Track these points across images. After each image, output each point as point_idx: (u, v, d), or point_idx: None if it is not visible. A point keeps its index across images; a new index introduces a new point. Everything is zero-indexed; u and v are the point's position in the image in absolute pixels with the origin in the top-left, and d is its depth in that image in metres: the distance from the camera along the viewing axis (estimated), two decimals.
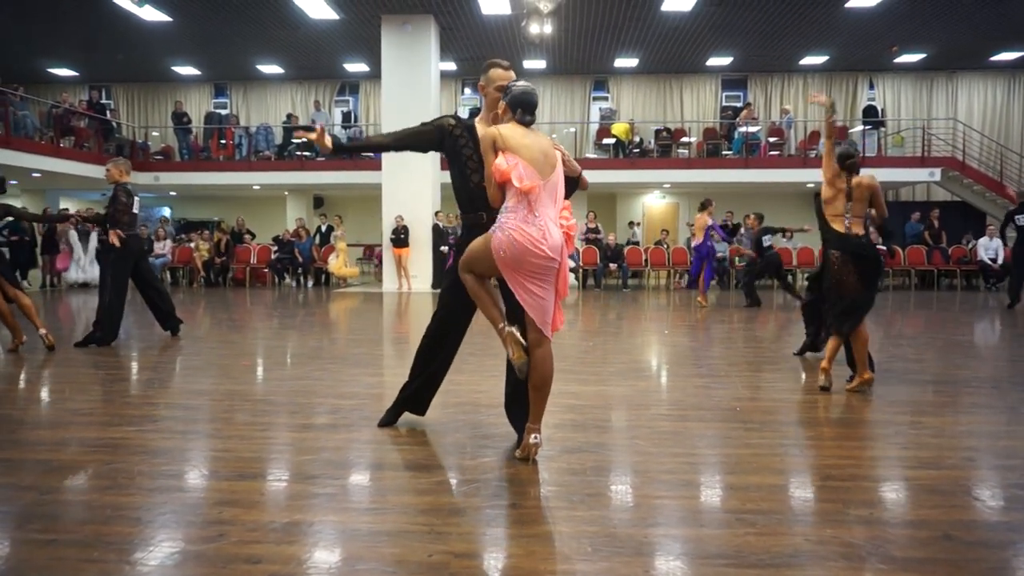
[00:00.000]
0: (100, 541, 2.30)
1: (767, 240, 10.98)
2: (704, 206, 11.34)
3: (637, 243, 16.64)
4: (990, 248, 13.99)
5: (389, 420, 3.70)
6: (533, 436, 3.07)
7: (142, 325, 7.73)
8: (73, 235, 13.94)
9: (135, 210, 6.66)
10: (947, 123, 17.50)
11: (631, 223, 18.18)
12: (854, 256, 4.61)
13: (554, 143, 3.21)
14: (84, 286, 13.76)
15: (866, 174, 4.77)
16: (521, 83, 3.17)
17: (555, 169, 3.08)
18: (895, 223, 16.70)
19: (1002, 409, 4.23)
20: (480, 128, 3.28)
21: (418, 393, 3.63)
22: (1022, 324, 9.11)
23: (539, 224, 2.94)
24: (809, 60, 17.10)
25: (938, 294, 10.49)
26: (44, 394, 4.77)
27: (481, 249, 3.05)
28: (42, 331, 6.11)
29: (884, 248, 14.62)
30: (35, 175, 14.93)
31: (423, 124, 3.41)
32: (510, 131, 3.05)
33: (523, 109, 3.11)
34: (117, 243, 6.39)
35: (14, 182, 17.29)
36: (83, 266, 13.87)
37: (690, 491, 2.85)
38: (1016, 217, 10.20)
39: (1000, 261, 13.91)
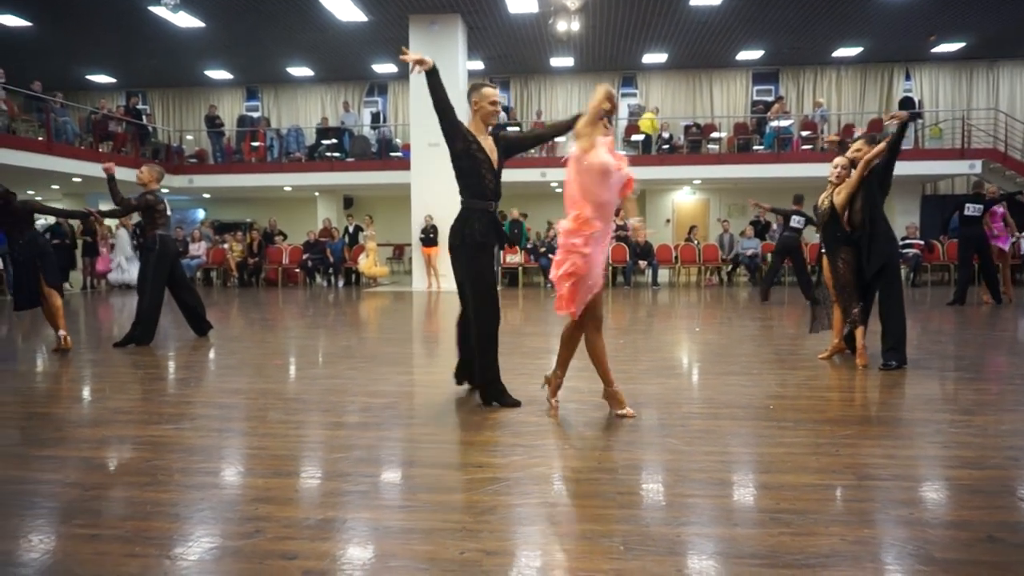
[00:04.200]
0: (141, 536, 2.36)
1: (796, 221, 10.41)
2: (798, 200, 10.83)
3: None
4: None
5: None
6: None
7: (179, 325, 7.90)
8: (122, 235, 14.32)
9: (168, 212, 6.86)
10: (988, 114, 17.01)
11: (667, 220, 18.02)
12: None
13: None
14: (125, 287, 14.12)
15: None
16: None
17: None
18: (935, 216, 16.31)
19: None
20: (480, 137, 4.04)
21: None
22: None
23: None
24: (842, 52, 16.76)
25: (978, 288, 10.19)
26: (86, 393, 4.90)
27: None
28: (61, 332, 6.24)
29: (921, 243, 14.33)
30: (76, 180, 15.35)
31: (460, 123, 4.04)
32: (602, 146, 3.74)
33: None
34: (96, 224, 6.52)
35: (55, 187, 17.82)
36: (124, 268, 14.23)
37: (723, 490, 2.82)
38: (967, 206, 9.76)
39: None
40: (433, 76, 3.92)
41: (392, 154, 17.17)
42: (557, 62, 17.45)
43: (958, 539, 2.31)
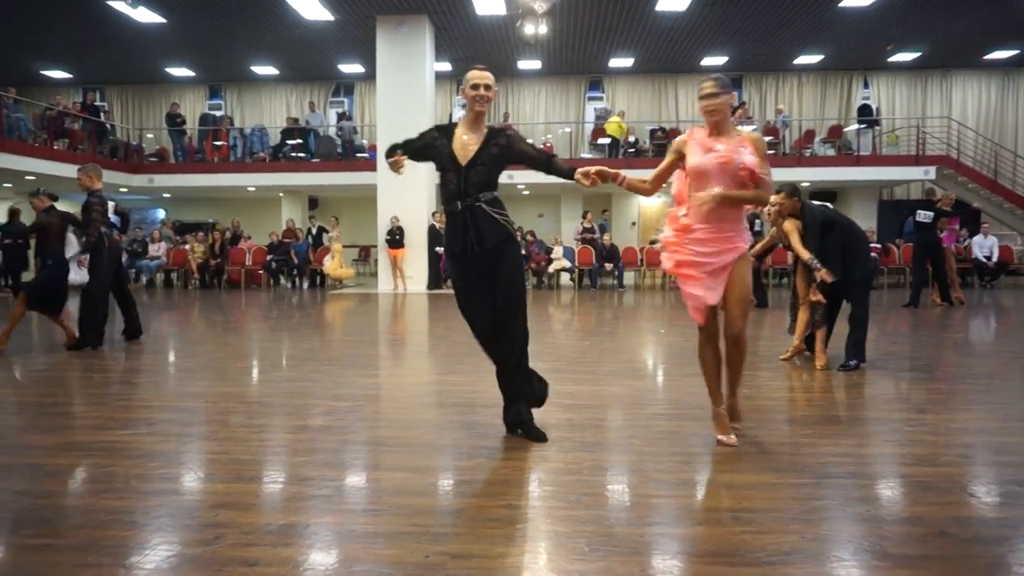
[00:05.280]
0: (95, 545, 2.29)
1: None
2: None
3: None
4: (984, 246, 14.04)
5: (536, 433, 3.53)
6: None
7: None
8: (72, 236, 13.86)
9: (110, 216, 6.84)
10: (942, 121, 17.55)
11: (632, 223, 18.21)
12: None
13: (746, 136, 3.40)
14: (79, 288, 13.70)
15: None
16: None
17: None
18: (891, 220, 16.76)
19: (997, 406, 4.24)
20: (461, 128, 3.53)
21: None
22: (1015, 321, 9.15)
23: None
24: (804, 59, 17.14)
25: (931, 290, 10.51)
26: (36, 398, 4.75)
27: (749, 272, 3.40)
28: None
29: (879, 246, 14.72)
30: (29, 178, 14.87)
31: (418, 136, 3.64)
32: (693, 145, 3.40)
33: None
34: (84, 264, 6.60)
35: (8, 185, 17.26)
36: (80, 270, 13.78)
37: (686, 490, 2.85)
38: (918, 212, 10.15)
39: (995, 259, 13.97)
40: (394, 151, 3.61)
41: (358, 155, 17.03)
42: (525, 65, 17.50)
43: (912, 535, 2.37)
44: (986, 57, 17.01)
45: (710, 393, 3.47)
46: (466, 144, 3.46)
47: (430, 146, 3.56)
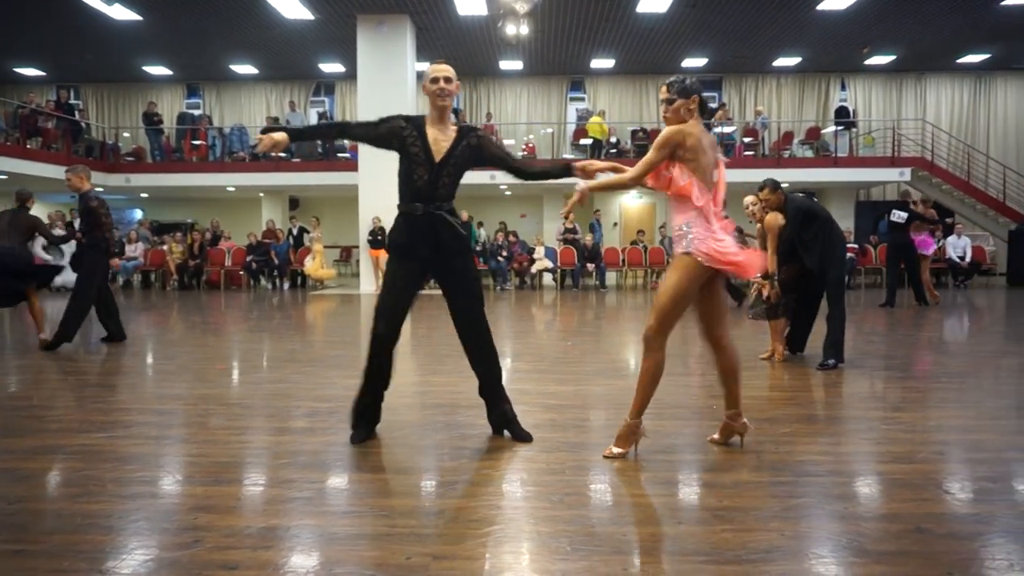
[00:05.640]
0: (71, 550, 2.26)
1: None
2: None
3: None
4: (958, 246, 14.29)
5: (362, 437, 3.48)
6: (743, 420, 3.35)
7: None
8: (39, 246, 13.56)
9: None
10: (916, 124, 17.84)
11: (615, 224, 18.28)
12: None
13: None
14: (60, 291, 13.49)
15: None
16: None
17: (719, 171, 3.18)
18: (868, 221, 17.01)
19: (970, 404, 4.32)
20: (428, 125, 3.34)
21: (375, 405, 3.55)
22: (987, 320, 9.32)
23: (720, 235, 3.08)
24: (782, 61, 17.32)
25: (907, 291, 10.68)
26: (10, 401, 4.66)
27: (684, 281, 3.08)
28: None
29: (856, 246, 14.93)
30: (1, 177, 14.59)
31: (379, 120, 3.43)
32: (695, 137, 3.12)
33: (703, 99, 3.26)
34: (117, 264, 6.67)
35: None
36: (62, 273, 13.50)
37: (668, 489, 2.87)
38: (893, 211, 10.34)
39: (968, 259, 14.23)
40: (296, 139, 3.50)
41: (339, 155, 16.92)
42: (506, 65, 17.50)
43: (889, 531, 2.40)
44: (959, 61, 17.30)
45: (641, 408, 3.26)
46: (437, 140, 3.32)
47: (396, 135, 3.34)
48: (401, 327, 3.40)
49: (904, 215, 10.20)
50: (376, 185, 13.45)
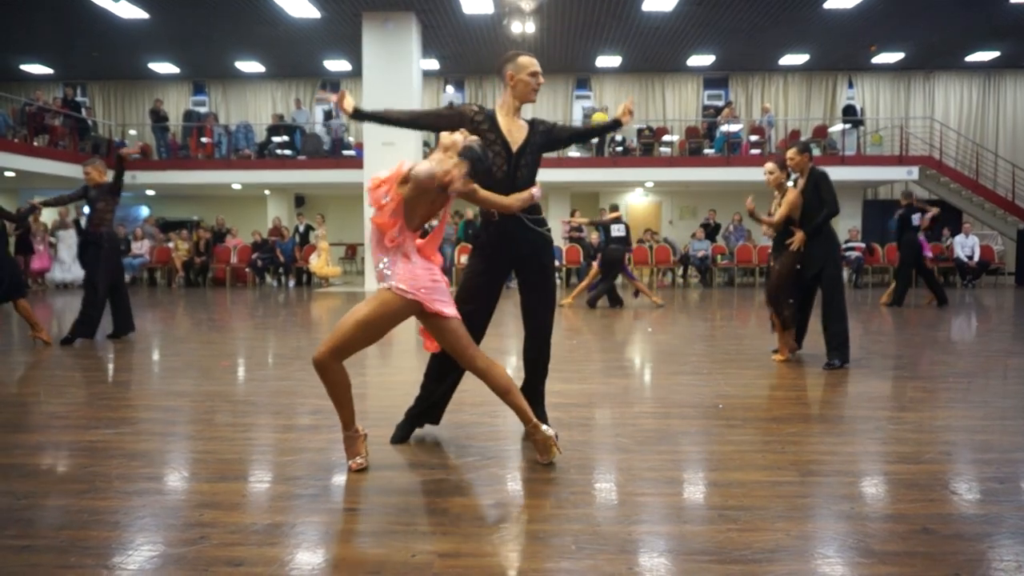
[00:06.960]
0: (77, 546, 2.26)
1: (618, 230, 10.10)
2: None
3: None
4: (966, 245, 14.22)
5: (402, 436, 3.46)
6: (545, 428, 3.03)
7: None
8: (70, 232, 13.72)
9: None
10: (924, 122, 17.74)
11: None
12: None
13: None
14: (64, 287, 13.57)
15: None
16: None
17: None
18: (876, 220, 16.94)
19: (977, 404, 4.29)
20: (500, 115, 3.32)
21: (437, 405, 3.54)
22: (995, 320, 9.27)
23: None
24: (789, 60, 17.25)
25: (915, 291, 10.63)
26: (18, 397, 4.69)
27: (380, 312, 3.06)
28: None
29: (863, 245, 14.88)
30: (8, 174, 14.67)
31: (447, 108, 3.43)
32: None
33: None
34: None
35: None
36: (68, 267, 13.67)
37: (673, 488, 2.86)
38: (912, 217, 10.41)
39: (976, 258, 14.15)
40: (359, 117, 3.44)
41: (345, 152, 16.94)
42: None
43: (895, 532, 2.39)
44: (968, 59, 17.20)
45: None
46: (511, 131, 3.30)
47: (467, 120, 3.26)
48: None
49: (918, 216, 10.35)
50: None
